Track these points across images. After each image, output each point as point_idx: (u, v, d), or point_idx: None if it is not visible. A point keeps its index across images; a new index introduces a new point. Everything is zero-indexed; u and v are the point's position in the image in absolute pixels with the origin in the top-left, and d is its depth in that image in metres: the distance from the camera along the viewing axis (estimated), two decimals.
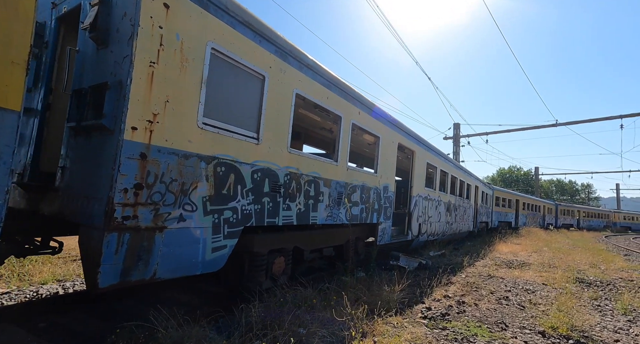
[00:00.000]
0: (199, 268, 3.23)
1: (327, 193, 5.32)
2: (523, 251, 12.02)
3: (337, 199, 5.65)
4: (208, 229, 3.30)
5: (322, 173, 5.21)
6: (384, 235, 7.53)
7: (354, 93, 5.98)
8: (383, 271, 7.17)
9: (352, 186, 6.09)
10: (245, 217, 3.76)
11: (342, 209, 5.79)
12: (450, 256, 9.77)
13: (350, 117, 5.90)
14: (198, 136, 3.17)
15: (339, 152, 5.66)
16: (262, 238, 4.18)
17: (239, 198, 3.68)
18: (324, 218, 5.28)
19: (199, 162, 3.18)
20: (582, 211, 39.76)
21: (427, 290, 5.12)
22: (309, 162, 4.89)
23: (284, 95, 4.32)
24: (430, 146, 10.25)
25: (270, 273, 4.36)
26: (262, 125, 3.97)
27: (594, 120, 21.47)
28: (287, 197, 4.45)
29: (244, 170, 3.74)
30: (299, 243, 4.97)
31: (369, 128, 6.59)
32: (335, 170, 5.55)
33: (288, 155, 4.44)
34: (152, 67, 2.70)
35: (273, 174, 4.18)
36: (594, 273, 8.05)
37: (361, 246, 7.09)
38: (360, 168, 6.48)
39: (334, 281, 5.73)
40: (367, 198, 6.66)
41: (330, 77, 5.29)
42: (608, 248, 16.51)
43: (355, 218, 6.24)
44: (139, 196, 2.65)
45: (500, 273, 7.18)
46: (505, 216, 23.04)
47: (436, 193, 10.80)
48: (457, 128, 25.85)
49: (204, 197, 3.25)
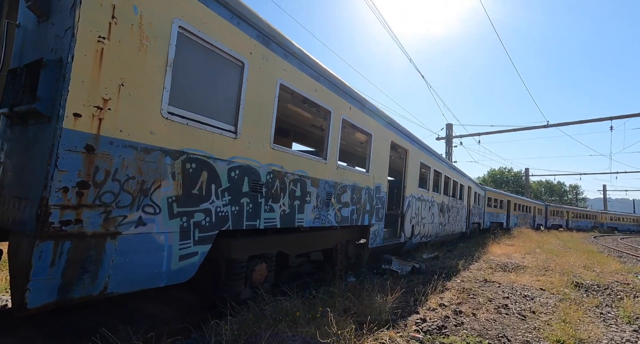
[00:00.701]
0: (163, 279, 2.80)
1: (314, 194, 4.94)
2: (516, 253, 11.84)
3: (326, 200, 5.27)
4: (175, 234, 2.87)
5: (310, 171, 4.82)
6: (376, 237, 7.18)
7: (344, 86, 5.61)
8: (375, 276, 6.83)
9: (342, 186, 5.72)
10: (220, 220, 3.35)
11: (331, 210, 5.42)
12: (443, 258, 9.49)
13: (340, 112, 5.52)
14: (162, 127, 2.74)
15: (328, 149, 5.28)
16: (240, 243, 3.77)
17: (213, 198, 3.26)
18: (311, 220, 4.89)
19: (164, 157, 2.76)
20: (571, 212, 40.27)
21: (421, 298, 4.78)
22: (295, 160, 4.49)
23: (266, 85, 3.91)
24: (424, 145, 9.96)
25: (250, 282, 3.95)
26: (241, 118, 3.56)
27: (584, 121, 21.60)
28: (270, 198, 4.04)
29: (219, 168, 3.32)
30: (283, 247, 4.57)
31: (360, 125, 6.22)
32: (324, 168, 5.17)
33: (271, 152, 4.04)
34: (101, 43, 2.27)
35: (253, 172, 3.78)
36: (589, 277, 7.85)
37: (352, 250, 6.72)
38: (352, 167, 6.12)
39: (322, 287, 5.35)
40: (359, 198, 6.30)
41: (319, 68, 4.90)
42: (599, 249, 16.54)
43: (345, 220, 5.87)
44: (84, 196, 2.22)
45: (496, 278, 6.90)
46: (497, 217, 23.03)
47: (429, 193, 10.52)
48: (450, 128, 25.77)
49: (170, 198, 2.82)
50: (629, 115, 19.08)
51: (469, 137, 26.09)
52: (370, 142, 6.71)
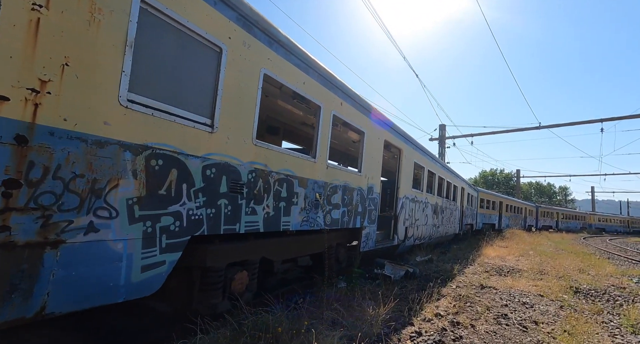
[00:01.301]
0: (121, 294, 2.41)
1: (302, 195, 4.58)
2: (510, 255, 11.68)
3: (315, 201, 4.92)
4: (136, 241, 2.48)
5: (297, 171, 4.46)
6: (368, 240, 6.86)
7: (335, 80, 5.27)
8: (367, 281, 6.50)
9: (332, 186, 5.37)
10: (193, 224, 2.97)
11: (320, 213, 5.07)
12: (437, 261, 9.23)
13: (331, 107, 5.18)
14: (120, 117, 2.35)
15: (317, 146, 4.93)
16: (217, 249, 3.39)
17: (185, 200, 2.88)
18: (298, 223, 4.54)
19: (122, 152, 2.37)
20: (561, 214, 40.75)
21: (416, 307, 4.46)
22: (281, 158, 4.13)
23: (248, 75, 3.54)
24: (418, 145, 9.70)
25: (229, 292, 3.56)
26: (219, 110, 3.18)
27: (575, 123, 21.72)
28: (252, 199, 3.67)
29: (192, 165, 2.94)
30: (267, 253, 4.20)
31: (352, 122, 5.89)
32: (312, 167, 4.82)
33: (253, 149, 3.67)
34: (36, 11, 1.88)
35: (233, 171, 3.40)
36: (585, 280, 7.68)
37: (342, 254, 6.38)
38: (343, 167, 5.78)
39: (309, 295, 5.00)
40: (350, 200, 5.97)
41: (308, 59, 4.55)
42: (590, 251, 16.56)
43: (335, 223, 5.53)
44: (13, 198, 1.83)
45: (492, 282, 6.64)
46: (490, 218, 23.01)
47: (423, 194, 10.26)
48: (443, 129, 25.69)
49: (130, 199, 2.43)
50: (619, 117, 19.23)
51: (462, 137, 26.07)
52: (363, 140, 6.39)
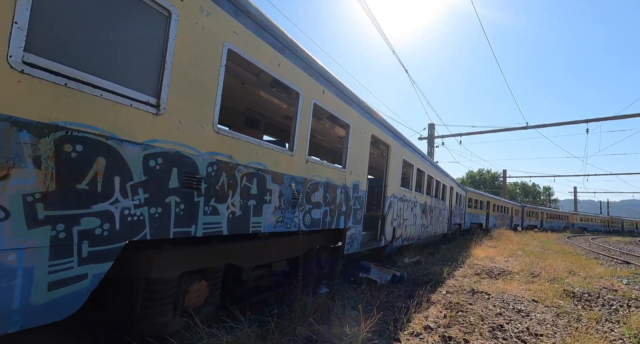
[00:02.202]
0: (15, 321, 1.82)
1: (276, 192, 4.03)
2: (499, 256, 11.44)
3: (292, 199, 4.38)
4: (39, 251, 1.89)
5: (270, 164, 3.91)
6: (353, 241, 6.37)
7: (316, 65, 4.74)
8: (351, 286, 6.02)
9: (313, 183, 4.85)
10: (130, 227, 2.39)
11: (298, 212, 4.53)
12: (426, 263, 8.84)
13: (311, 95, 4.64)
14: (12, 84, 1.76)
15: (295, 138, 4.39)
16: (167, 256, 2.81)
17: (118, 197, 2.29)
18: (271, 224, 3.99)
19: (14, 132, 1.77)
20: (545, 213, 41.43)
21: (403, 317, 3.99)
22: (250, 149, 3.57)
23: (207, 48, 2.97)
24: (407, 142, 9.27)
25: (183, 307, 2.99)
26: (166, 87, 2.60)
27: (562, 123, 21.87)
28: (213, 196, 3.11)
29: (129, 153, 2.36)
30: (234, 259, 3.64)
31: (336, 113, 5.37)
32: (289, 161, 4.28)
33: (215, 137, 3.10)
34: None
35: (187, 162, 2.83)
36: (577, 283, 7.41)
37: (325, 257, 5.87)
38: (325, 162, 5.26)
39: (284, 305, 4.47)
40: (333, 198, 5.45)
41: (284, 38, 4.00)
42: (575, 250, 16.59)
43: (316, 223, 5.01)
44: None
45: (483, 286, 6.26)
46: (477, 218, 22.96)
47: (412, 193, 9.85)
48: (432, 128, 25.56)
49: (30, 195, 1.84)
50: (604, 118, 19.41)
51: (450, 137, 26.01)
52: (348, 133, 5.88)
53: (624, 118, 18.66)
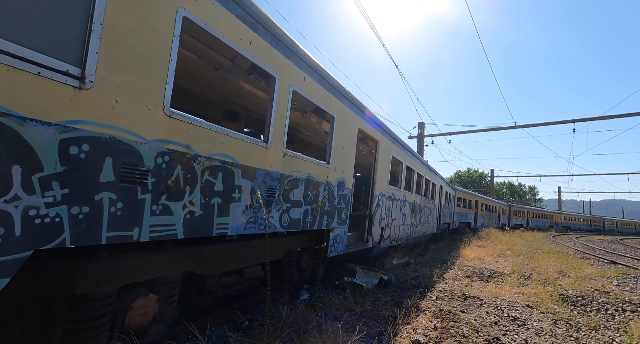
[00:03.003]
0: None
1: (247, 189, 3.53)
2: (488, 256, 11.22)
3: (267, 197, 3.88)
4: None
5: (240, 157, 3.41)
6: (338, 243, 5.91)
7: (296, 48, 4.24)
8: (335, 291, 5.57)
9: (292, 179, 4.36)
10: (39, 231, 1.85)
11: (275, 212, 4.04)
12: (415, 265, 8.48)
13: (290, 80, 4.15)
14: None
15: (271, 128, 3.89)
16: (99, 267, 2.28)
17: (18, 192, 1.76)
18: (241, 225, 3.48)
19: None
20: (531, 213, 42.07)
21: (390, 329, 3.56)
22: (214, 138, 3.06)
23: (154, 12, 2.44)
24: (397, 138, 8.88)
25: (124, 327, 2.46)
26: (94, 54, 2.07)
27: (549, 123, 22.00)
28: (164, 193, 2.59)
29: (37, 136, 1.82)
30: (195, 266, 3.12)
31: (319, 103, 4.89)
32: (263, 154, 3.78)
33: (166, 122, 2.58)
34: None
35: (127, 151, 2.30)
36: (569, 284, 7.17)
37: (306, 260, 5.39)
38: (306, 156, 4.78)
39: (260, 315, 3.98)
40: (315, 196, 4.98)
41: (257, 12, 3.49)
42: (562, 249, 16.63)
43: (295, 224, 4.52)
44: None
45: (475, 291, 5.91)
46: (466, 217, 22.93)
47: (401, 192, 9.47)
48: (422, 127, 25.41)
49: None
50: (591, 118, 19.57)
51: (440, 136, 25.92)
52: (333, 126, 5.41)
53: (609, 118, 18.84)
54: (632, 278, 9.02)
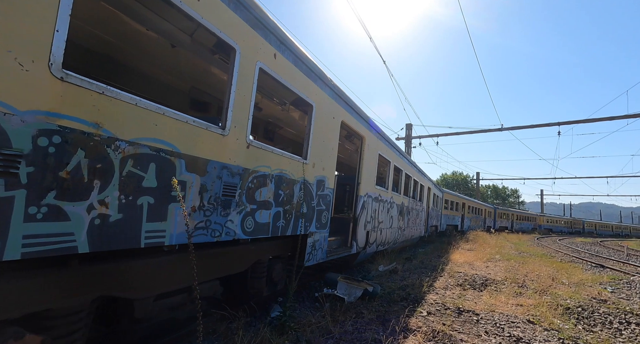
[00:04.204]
0: None
1: (195, 185, 2.77)
2: (478, 260, 10.76)
3: (225, 197, 3.13)
4: None
5: (184, 145, 2.65)
6: (317, 250, 5.20)
7: (264, 18, 3.52)
8: (313, 305, 4.86)
9: (258, 176, 3.62)
10: None
11: (234, 214, 3.29)
12: (403, 271, 7.86)
13: (255, 55, 3.42)
14: None
15: (229, 111, 3.14)
16: None
17: None
18: (183, 232, 2.72)
19: None
20: (515, 215, 42.55)
21: None
22: (141, 117, 2.29)
23: None
24: (384, 135, 8.25)
25: None
26: None
27: (535, 126, 22.01)
28: (54, 189, 1.81)
29: None
30: (113, 289, 2.34)
31: (293, 87, 4.18)
32: (220, 143, 3.03)
33: (56, 86, 1.80)
34: None
35: None
36: (565, 293, 6.69)
37: (279, 271, 4.65)
38: (278, 149, 4.05)
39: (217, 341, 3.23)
40: (289, 196, 4.26)
41: None
42: (549, 253, 16.47)
43: (263, 229, 3.78)
44: None
45: (469, 303, 5.30)
46: (453, 220, 22.66)
47: (389, 193, 8.85)
48: (410, 128, 25.11)
49: None
50: (575, 121, 19.63)
51: (428, 137, 25.65)
52: (311, 116, 4.71)
53: (594, 121, 18.93)
54: (625, 284, 8.70)
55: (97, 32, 3.70)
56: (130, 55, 4.27)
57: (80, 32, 3.67)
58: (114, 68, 4.33)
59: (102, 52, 4.12)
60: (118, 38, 3.82)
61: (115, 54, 4.18)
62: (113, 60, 4.29)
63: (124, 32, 3.64)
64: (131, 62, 4.43)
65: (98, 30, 3.67)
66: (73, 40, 3.78)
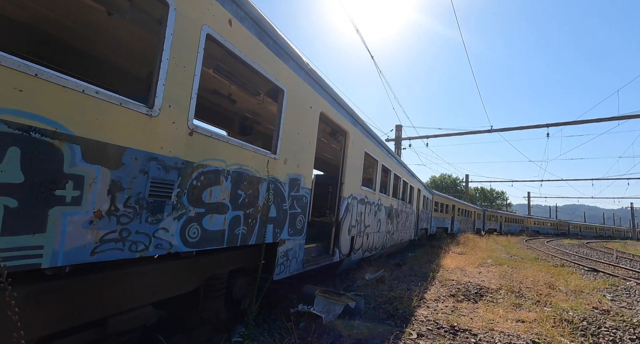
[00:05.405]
0: None
1: (99, 182, 2.00)
2: (469, 265, 10.21)
3: (155, 198, 2.37)
4: None
5: (77, 125, 1.88)
6: (290, 260, 4.46)
7: None
8: (283, 326, 4.11)
9: (206, 171, 2.87)
10: None
11: (170, 221, 2.53)
12: (391, 280, 7.17)
13: (200, 17, 2.68)
14: None
15: (159, 84, 2.39)
16: None
17: None
18: (84, 247, 1.94)
19: None
20: (504, 217, 42.69)
21: None
22: None
23: None
24: (371, 132, 7.59)
25: None
26: None
27: (524, 127, 21.84)
28: None
29: None
30: None
31: (257, 65, 3.44)
32: (145, 126, 2.27)
33: None
34: None
35: None
36: (565, 303, 6.13)
37: (242, 287, 3.88)
38: (235, 139, 3.32)
39: None
40: (252, 197, 3.51)
41: None
42: (539, 255, 16.16)
43: (214, 239, 3.02)
44: None
45: (465, 318, 4.64)
46: (443, 222, 22.23)
47: (376, 195, 8.18)
48: (399, 129, 24.66)
49: None
50: (564, 122, 19.51)
51: (417, 139, 25.26)
52: (282, 103, 3.99)
53: (582, 123, 18.84)
54: (624, 291, 8.26)
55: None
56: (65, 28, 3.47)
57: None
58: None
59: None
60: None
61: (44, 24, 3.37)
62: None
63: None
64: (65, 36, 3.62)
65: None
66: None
